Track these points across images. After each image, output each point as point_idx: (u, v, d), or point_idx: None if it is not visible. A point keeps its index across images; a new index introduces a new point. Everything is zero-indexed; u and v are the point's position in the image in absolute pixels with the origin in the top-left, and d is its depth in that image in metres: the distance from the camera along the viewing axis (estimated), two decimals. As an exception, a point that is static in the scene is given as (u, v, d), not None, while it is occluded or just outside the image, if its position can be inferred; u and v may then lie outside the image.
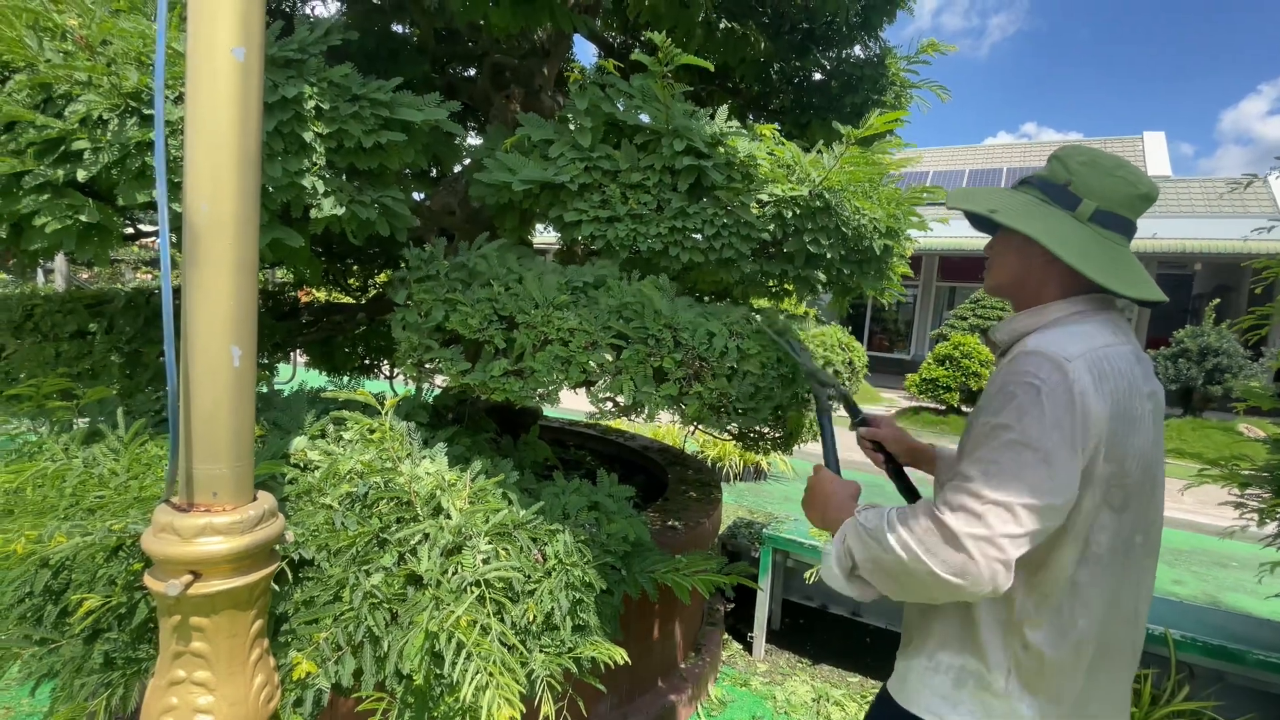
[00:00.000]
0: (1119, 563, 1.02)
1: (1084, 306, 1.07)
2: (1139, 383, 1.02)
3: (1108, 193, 1.06)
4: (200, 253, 1.00)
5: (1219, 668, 2.57)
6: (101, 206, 1.59)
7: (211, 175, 1.00)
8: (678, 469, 3.66)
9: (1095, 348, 1.00)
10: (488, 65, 3.15)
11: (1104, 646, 1.03)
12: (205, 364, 1.02)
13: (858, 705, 3.00)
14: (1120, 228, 1.07)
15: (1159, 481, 1.07)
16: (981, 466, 0.95)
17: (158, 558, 1.00)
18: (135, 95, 1.48)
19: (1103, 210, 1.06)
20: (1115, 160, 1.08)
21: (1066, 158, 1.10)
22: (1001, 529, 0.91)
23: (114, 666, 1.44)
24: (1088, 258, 1.03)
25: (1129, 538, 1.02)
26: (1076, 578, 1.00)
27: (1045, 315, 1.08)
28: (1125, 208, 1.06)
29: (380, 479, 1.61)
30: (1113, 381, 0.98)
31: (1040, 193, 1.11)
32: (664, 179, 1.94)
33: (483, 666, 1.25)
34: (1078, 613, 1.01)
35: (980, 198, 1.16)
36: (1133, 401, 1.00)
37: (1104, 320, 1.06)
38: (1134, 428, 1.00)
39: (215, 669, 1.05)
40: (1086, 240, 1.05)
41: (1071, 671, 1.02)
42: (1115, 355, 1.01)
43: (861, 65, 2.89)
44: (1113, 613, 1.03)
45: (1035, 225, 1.06)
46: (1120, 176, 1.06)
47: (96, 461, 1.64)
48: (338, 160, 1.75)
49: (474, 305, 1.71)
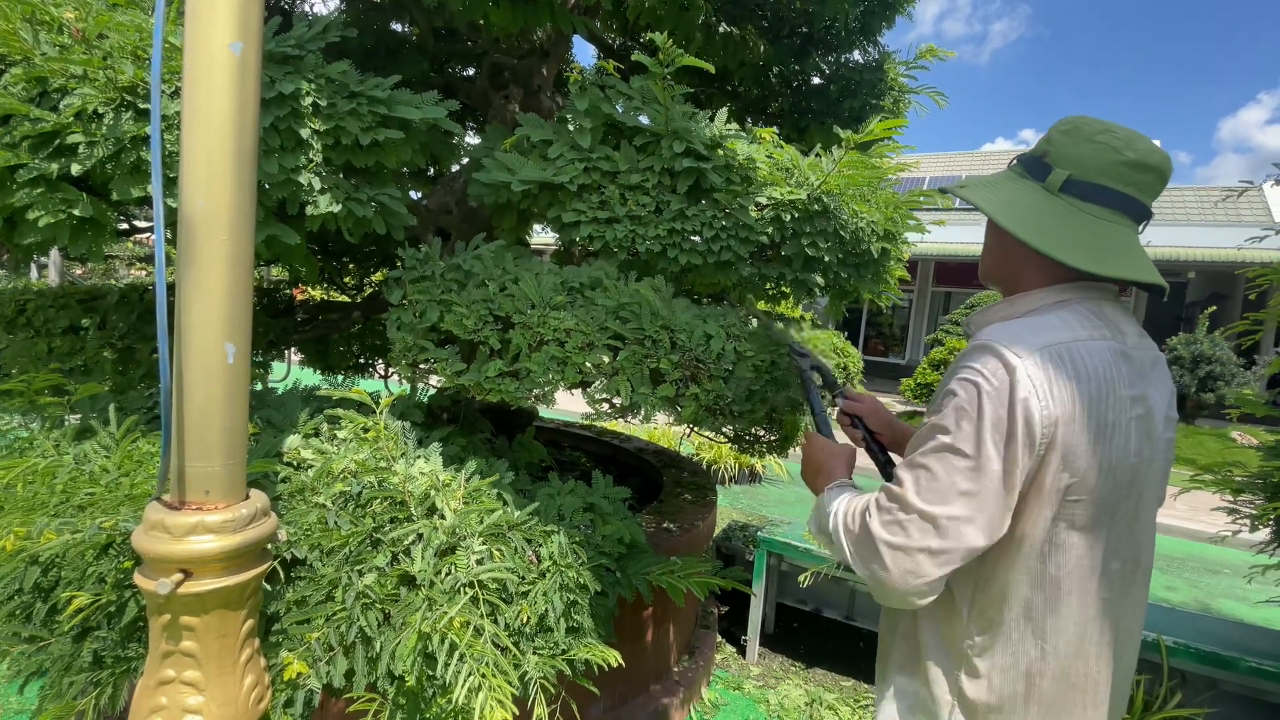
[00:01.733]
0: (1089, 590, 0.90)
1: (1068, 295, 0.94)
2: (1118, 385, 0.88)
3: (1084, 160, 0.92)
4: (195, 248, 0.99)
5: (1211, 674, 2.58)
6: (95, 201, 1.58)
7: (207, 170, 0.99)
8: (673, 471, 3.66)
9: (1059, 342, 0.87)
10: (486, 65, 3.15)
11: (1068, 683, 0.91)
12: (199, 361, 1.01)
13: (850, 710, 3.00)
14: (1107, 200, 0.92)
15: (1147, 499, 0.93)
16: (914, 472, 0.89)
17: (148, 555, 0.99)
18: (131, 89, 1.47)
19: (1076, 180, 0.92)
20: (1102, 126, 0.94)
21: (1051, 130, 0.98)
22: (921, 542, 0.85)
23: (103, 665, 1.43)
24: (1046, 231, 0.90)
25: (1100, 562, 0.89)
26: (1031, 601, 0.89)
27: (1020, 305, 0.97)
28: (1108, 176, 0.92)
29: (374, 478, 1.60)
30: (1076, 383, 0.85)
31: (1021, 168, 1.00)
32: (663, 181, 1.94)
33: (475, 668, 1.24)
34: (1030, 641, 0.90)
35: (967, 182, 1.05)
36: (1103, 405, 0.87)
37: (1086, 310, 0.93)
38: (1103, 435, 0.86)
39: (205, 668, 1.03)
40: (1052, 213, 0.93)
41: (1022, 709, 0.91)
42: (1086, 351, 0.88)
43: (860, 70, 2.90)
44: (1080, 646, 0.91)
45: (987, 196, 0.95)
46: (1102, 142, 0.92)
47: (87, 458, 1.62)
48: (334, 157, 1.74)
49: (469, 306, 1.71)
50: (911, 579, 0.86)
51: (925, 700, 0.98)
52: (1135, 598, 0.95)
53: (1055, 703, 0.91)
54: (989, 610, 0.91)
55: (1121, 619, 0.93)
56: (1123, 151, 0.91)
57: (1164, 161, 0.92)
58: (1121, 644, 0.94)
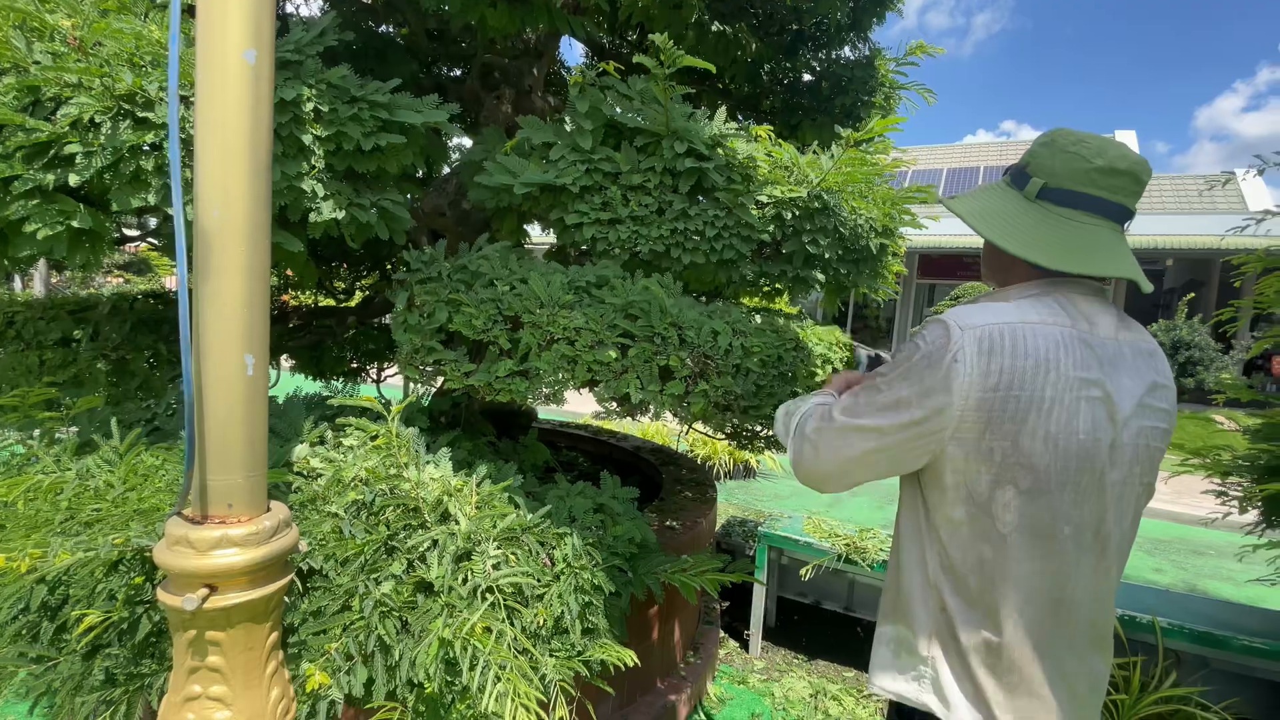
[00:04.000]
0: (1039, 551, 0.98)
1: (1038, 289, 1.03)
2: (1063, 365, 0.95)
3: (1057, 169, 1.03)
4: (212, 260, 0.98)
5: (1204, 654, 2.64)
6: (93, 212, 1.55)
7: (222, 180, 0.98)
8: (671, 469, 3.66)
9: (1005, 322, 0.96)
10: (477, 66, 3.13)
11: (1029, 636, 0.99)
12: (218, 373, 1.00)
13: (854, 700, 3.03)
14: (1081, 204, 1.01)
15: (1111, 477, 0.99)
16: (845, 398, 1.08)
17: (172, 571, 0.98)
18: (129, 98, 1.45)
19: (1051, 187, 1.03)
20: (1077, 137, 1.03)
21: (1035, 141, 1.09)
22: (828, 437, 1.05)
23: (115, 683, 1.41)
24: (1015, 234, 1.01)
25: (1051, 525, 0.97)
26: (981, 552, 0.99)
27: (998, 295, 1.06)
28: (1080, 182, 1.01)
29: (386, 486, 1.59)
30: (1009, 358, 0.94)
31: (1007, 177, 1.11)
32: (664, 181, 1.94)
33: (500, 674, 1.24)
34: (985, 589, 0.99)
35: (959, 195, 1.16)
36: (1037, 382, 0.94)
37: (1052, 301, 1.01)
38: (1036, 410, 0.94)
39: (232, 683, 1.02)
40: (1025, 218, 1.03)
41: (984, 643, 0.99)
42: (1031, 333, 0.96)
43: (852, 66, 2.92)
44: (1034, 603, 0.98)
45: (969, 205, 1.07)
46: (1074, 152, 1.02)
47: (91, 473, 1.60)
48: (336, 163, 1.72)
49: (478, 306, 1.70)
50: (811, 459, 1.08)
51: (906, 636, 1.07)
52: (1097, 565, 1.02)
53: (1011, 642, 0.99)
54: (945, 554, 1.02)
55: (1073, 580, 1.00)
56: (1092, 159, 1.00)
57: (1135, 165, 1.01)
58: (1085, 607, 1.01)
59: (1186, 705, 2.46)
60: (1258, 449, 2.65)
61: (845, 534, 3.27)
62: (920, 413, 0.97)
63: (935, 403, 0.96)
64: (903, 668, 1.07)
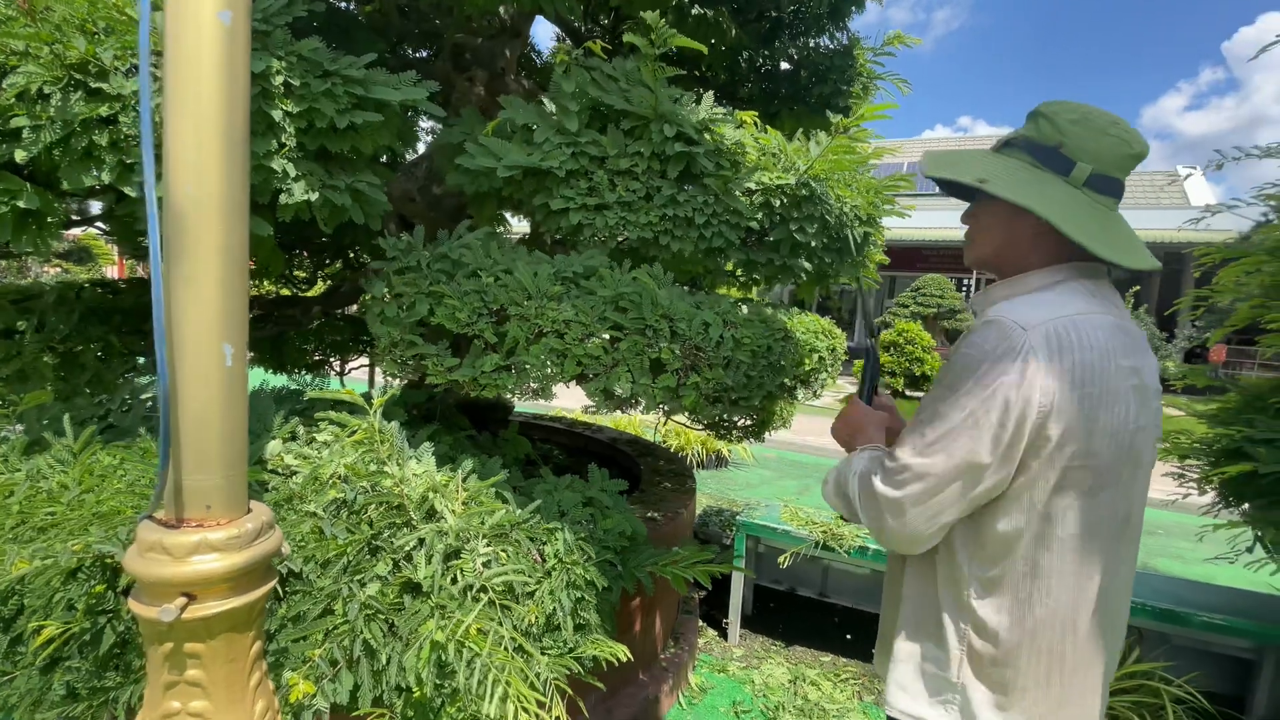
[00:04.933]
0: (1090, 548, 0.94)
1: (1064, 275, 0.99)
2: (1117, 355, 0.92)
3: (1102, 154, 0.96)
4: (186, 241, 0.90)
5: (1165, 630, 2.75)
6: (41, 191, 1.43)
7: (196, 153, 0.90)
8: (649, 460, 3.64)
9: (1062, 315, 0.92)
10: (448, 46, 3.02)
11: (1068, 634, 0.95)
12: (194, 365, 0.92)
13: (832, 684, 3.07)
14: (1112, 190, 0.98)
15: (1143, 463, 0.98)
16: (913, 434, 0.96)
17: (146, 580, 0.90)
18: (81, 67, 1.33)
19: (1097, 174, 0.97)
20: (1108, 117, 0.98)
21: (1054, 115, 0.99)
22: (915, 494, 0.92)
23: (78, 698, 1.31)
24: (1085, 228, 0.93)
25: (1103, 522, 0.94)
26: (1037, 560, 0.93)
27: (1022, 284, 1.01)
28: (1118, 169, 0.97)
29: (367, 483, 1.52)
30: (1077, 353, 0.90)
31: (1029, 156, 1.01)
32: (652, 166, 1.89)
33: (499, 677, 1.19)
34: (1034, 596, 0.94)
35: (965, 165, 1.04)
36: (1105, 375, 0.91)
37: (1082, 287, 0.98)
38: (1103, 403, 0.91)
39: (213, 698, 0.95)
40: (1081, 208, 0.96)
41: (1029, 659, 0.94)
42: (1087, 324, 0.92)
43: (832, 55, 2.91)
44: (1079, 599, 0.95)
45: (1033, 198, 0.96)
46: (1115, 135, 0.97)
47: (42, 474, 1.48)
48: (307, 142, 1.62)
49: (461, 298, 1.63)
50: (911, 528, 0.94)
51: (934, 656, 1.01)
52: (1125, 554, 1.01)
53: (1057, 652, 0.95)
54: (993, 567, 0.95)
55: (1115, 575, 0.99)
56: (1132, 145, 0.97)
57: (1148, 149, 1.00)
58: (1116, 597, 1.00)
59: (1150, 680, 2.55)
60: (1215, 433, 2.77)
61: (822, 521, 3.29)
62: (998, 428, 0.88)
63: (1014, 412, 0.88)
64: (928, 691, 1.01)
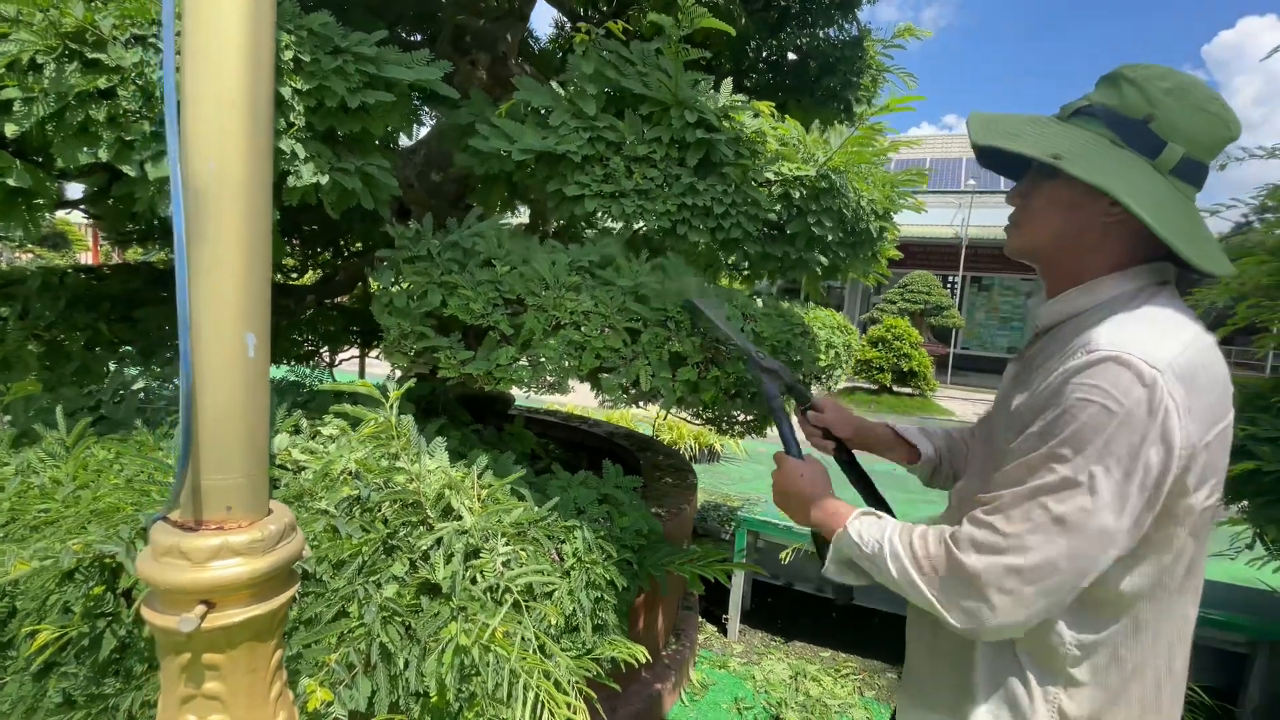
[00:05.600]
0: (1190, 587, 0.86)
1: (1145, 281, 0.85)
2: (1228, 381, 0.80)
3: (1198, 135, 0.81)
4: (207, 224, 0.83)
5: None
6: (32, 169, 1.34)
7: (218, 127, 0.83)
8: (648, 454, 3.59)
9: (1186, 344, 0.77)
10: (449, 28, 2.93)
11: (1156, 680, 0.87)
12: (215, 356, 0.85)
13: (833, 680, 3.07)
14: (1198, 179, 0.84)
15: None
16: (1022, 505, 0.78)
17: (162, 587, 0.84)
18: (78, 36, 1.24)
19: (1188, 158, 0.81)
20: (1206, 90, 0.82)
21: (1144, 82, 0.82)
22: (1033, 582, 0.76)
23: (75, 705, 1.24)
24: (1176, 226, 0.78)
25: (1199, 560, 0.85)
26: (1141, 612, 0.83)
27: (1100, 292, 0.86)
28: (1209, 154, 0.83)
29: (380, 479, 1.46)
30: (1209, 393, 0.77)
31: (1108, 129, 0.84)
32: (671, 153, 1.84)
33: (530, 682, 1.14)
34: (1133, 649, 0.84)
35: (1032, 135, 0.86)
36: (1229, 408, 0.80)
37: (1175, 300, 0.84)
38: (1229, 439, 0.80)
39: (233, 712, 0.89)
40: (1169, 200, 0.80)
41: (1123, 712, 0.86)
42: (1208, 354, 0.79)
43: (842, 46, 2.86)
44: (1179, 643, 0.87)
45: (1115, 179, 0.79)
46: (1214, 113, 0.81)
47: (33, 469, 1.40)
48: (316, 122, 1.54)
49: (475, 288, 1.57)
50: (1018, 619, 0.78)
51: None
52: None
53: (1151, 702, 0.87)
54: (1096, 623, 0.84)
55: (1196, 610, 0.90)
56: (1230, 127, 0.82)
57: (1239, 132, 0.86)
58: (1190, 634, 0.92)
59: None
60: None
61: (824, 517, 3.28)
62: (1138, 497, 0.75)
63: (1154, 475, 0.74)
64: None
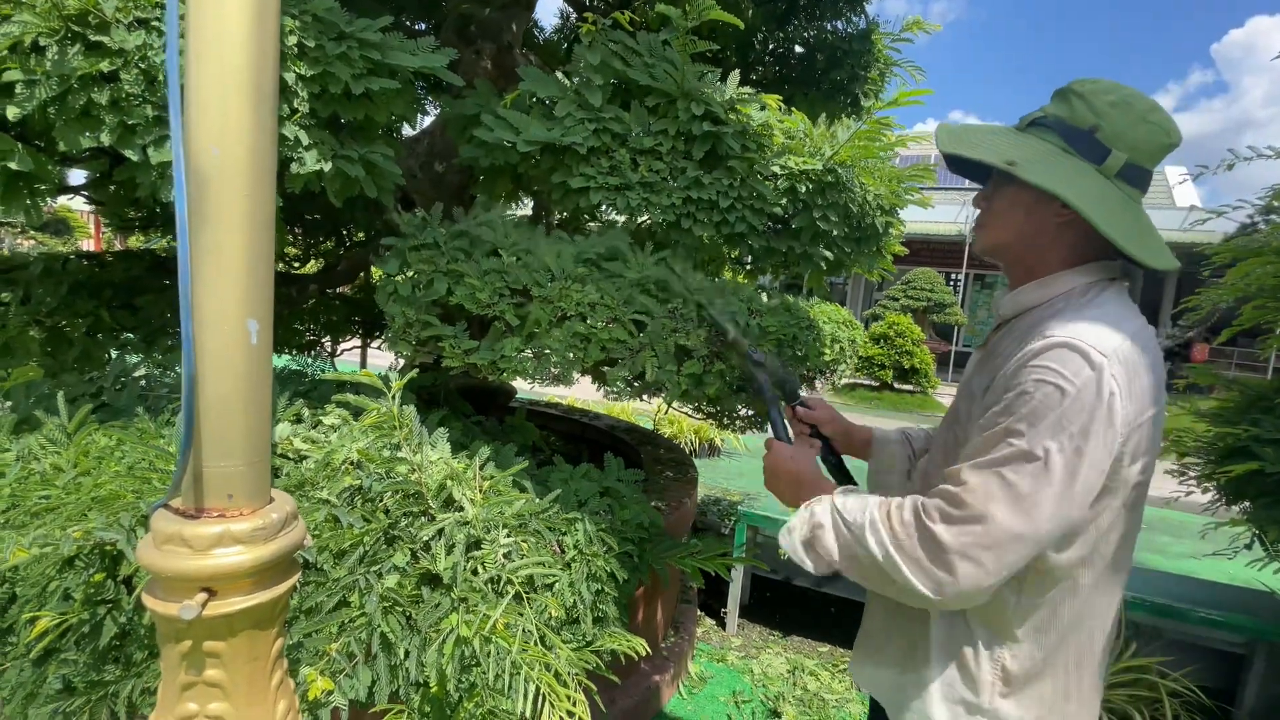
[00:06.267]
0: (1123, 557, 0.94)
1: (1097, 276, 0.93)
2: (1162, 370, 0.89)
3: (1139, 143, 0.89)
4: (210, 209, 0.82)
5: (1159, 625, 2.77)
6: (33, 152, 1.33)
7: (221, 109, 0.82)
8: (649, 448, 3.59)
9: (1132, 333, 0.86)
10: (453, 16, 2.91)
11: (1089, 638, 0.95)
12: (217, 342, 0.85)
13: (830, 674, 3.07)
14: (1142, 183, 0.92)
15: None
16: (983, 476, 0.84)
17: (163, 574, 0.83)
18: (80, 18, 1.23)
19: (1131, 164, 0.89)
20: (1147, 102, 0.90)
21: (1090, 96, 0.91)
22: (994, 550, 0.82)
23: (75, 692, 1.24)
24: (1118, 225, 0.86)
25: (1134, 529, 0.93)
26: (1078, 579, 0.91)
27: (1055, 286, 0.94)
28: (1151, 160, 0.91)
29: (381, 469, 1.45)
30: (1144, 377, 0.85)
31: (1059, 138, 0.92)
32: (677, 145, 1.82)
33: (531, 674, 1.14)
34: (1071, 610, 0.92)
35: (990, 144, 0.94)
36: (1161, 396, 0.88)
37: (1122, 292, 0.93)
38: (1161, 421, 0.88)
39: (234, 699, 0.89)
40: (1114, 202, 0.88)
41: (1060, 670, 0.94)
42: (1147, 342, 0.87)
43: (850, 40, 2.84)
44: (1110, 607, 0.95)
45: (1066, 187, 0.87)
46: (1154, 123, 0.89)
47: (34, 455, 1.39)
48: (319, 109, 1.53)
49: (482, 277, 1.56)
50: (981, 585, 0.83)
51: (966, 684, 0.95)
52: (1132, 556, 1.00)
53: (1078, 658, 0.94)
54: (1037, 590, 0.91)
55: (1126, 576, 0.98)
56: (1170, 135, 0.90)
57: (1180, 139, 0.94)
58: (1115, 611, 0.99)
59: (1147, 674, 2.58)
60: (1218, 432, 2.78)
61: (824, 513, 3.28)
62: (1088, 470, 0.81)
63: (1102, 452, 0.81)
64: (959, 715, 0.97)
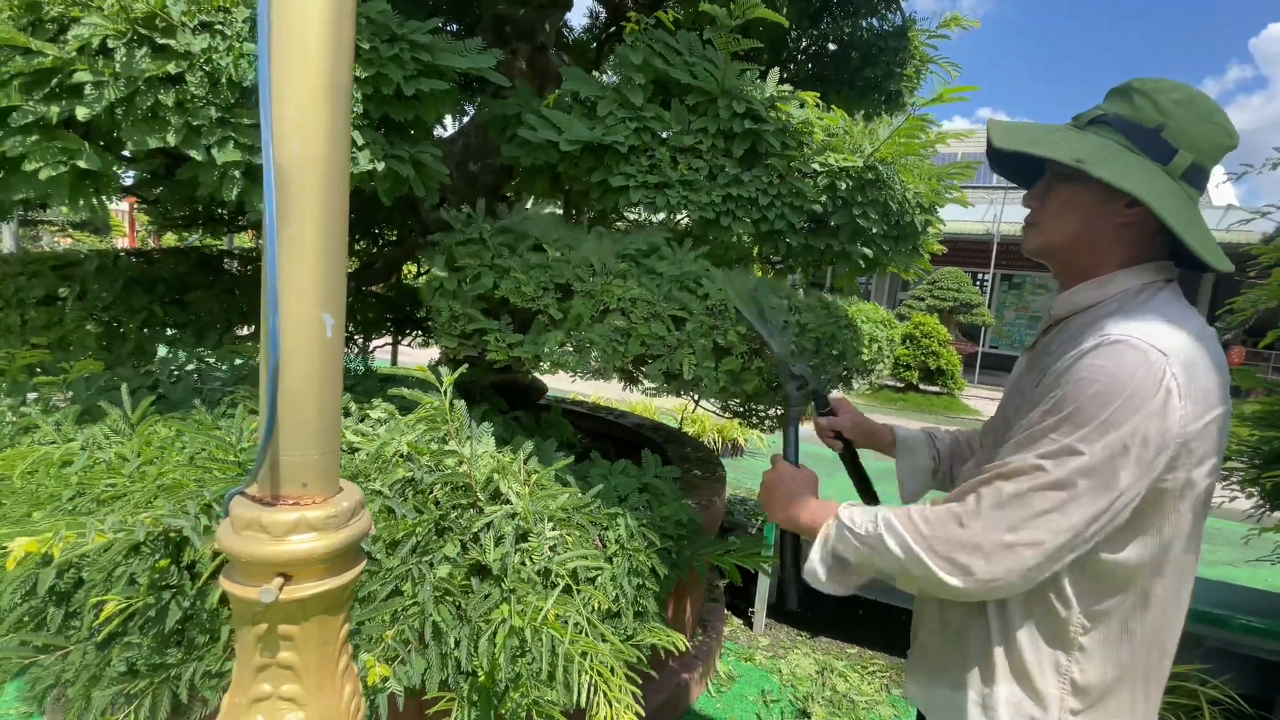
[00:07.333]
0: (1189, 566, 0.91)
1: (1153, 277, 0.91)
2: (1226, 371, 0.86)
3: (1202, 143, 0.88)
4: (290, 206, 0.85)
5: (1199, 632, 2.72)
6: (100, 152, 1.37)
7: (299, 106, 0.84)
8: (675, 447, 3.60)
9: (1192, 334, 0.83)
10: (488, 17, 2.94)
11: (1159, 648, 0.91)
12: (295, 335, 0.87)
13: (859, 676, 3.06)
14: (1201, 183, 0.90)
15: None
16: (1025, 468, 0.82)
17: (243, 559, 0.86)
18: (148, 21, 1.27)
19: (1195, 164, 0.88)
20: (1210, 102, 0.89)
21: (1155, 94, 0.89)
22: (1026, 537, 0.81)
23: (138, 674, 1.28)
24: (1189, 226, 0.84)
25: (1198, 536, 0.90)
26: (1150, 589, 0.87)
27: (1112, 286, 0.92)
28: (1212, 160, 0.89)
29: (431, 462, 1.48)
30: (1207, 377, 0.82)
31: (1124, 137, 0.90)
32: (717, 144, 1.83)
33: (584, 665, 1.16)
34: (1141, 620, 0.88)
35: (1051, 140, 0.91)
36: (1227, 399, 0.85)
37: (1179, 296, 0.90)
38: (1226, 429, 0.85)
39: (305, 681, 0.92)
40: (1181, 202, 0.86)
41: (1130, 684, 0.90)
42: (1209, 342, 0.84)
43: (886, 36, 2.82)
44: (1177, 619, 0.91)
45: (1139, 184, 0.85)
46: (1218, 124, 0.88)
47: (98, 445, 1.44)
48: (371, 109, 1.56)
49: (528, 271, 1.58)
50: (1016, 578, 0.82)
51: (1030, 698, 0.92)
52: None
53: (1155, 674, 0.92)
54: (1099, 592, 0.88)
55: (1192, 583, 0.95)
56: (1231, 136, 0.88)
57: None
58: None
59: (1186, 681, 2.54)
60: (1261, 435, 2.72)
61: (855, 512, 3.27)
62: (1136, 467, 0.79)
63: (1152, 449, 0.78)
64: None
